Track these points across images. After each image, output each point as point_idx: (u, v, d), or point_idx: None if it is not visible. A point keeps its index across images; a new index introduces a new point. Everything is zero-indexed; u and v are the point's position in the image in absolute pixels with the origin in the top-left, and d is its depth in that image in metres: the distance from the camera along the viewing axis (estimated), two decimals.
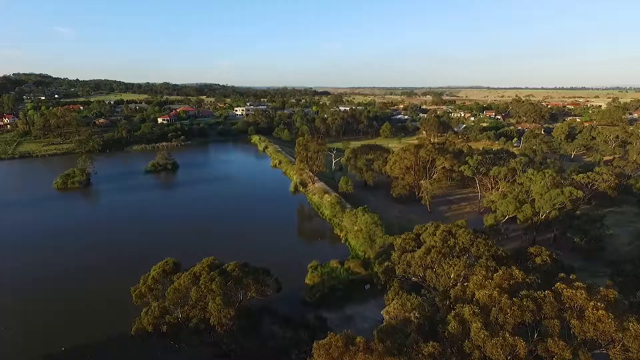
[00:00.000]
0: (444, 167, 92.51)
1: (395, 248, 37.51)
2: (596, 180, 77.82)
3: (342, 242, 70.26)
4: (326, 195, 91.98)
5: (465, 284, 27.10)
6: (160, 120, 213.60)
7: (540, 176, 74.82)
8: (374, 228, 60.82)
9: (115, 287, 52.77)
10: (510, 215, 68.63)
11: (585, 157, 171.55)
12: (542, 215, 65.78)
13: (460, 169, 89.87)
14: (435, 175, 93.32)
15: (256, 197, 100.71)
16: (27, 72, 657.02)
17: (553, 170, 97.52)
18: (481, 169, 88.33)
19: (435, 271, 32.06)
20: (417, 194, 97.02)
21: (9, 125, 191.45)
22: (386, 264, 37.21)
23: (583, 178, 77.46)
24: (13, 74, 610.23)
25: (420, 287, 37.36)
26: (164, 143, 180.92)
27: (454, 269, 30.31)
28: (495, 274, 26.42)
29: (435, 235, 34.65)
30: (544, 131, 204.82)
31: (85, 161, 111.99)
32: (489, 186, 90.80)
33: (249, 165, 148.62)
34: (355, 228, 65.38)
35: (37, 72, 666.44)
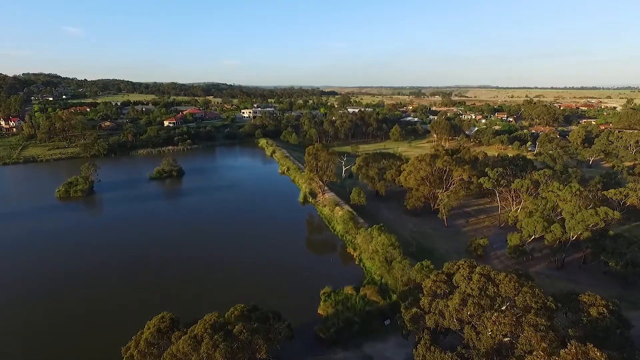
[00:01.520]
0: (461, 179, 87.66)
1: (425, 291, 33.06)
2: (629, 197, 72.44)
3: (356, 262, 65.81)
4: (337, 207, 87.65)
5: (516, 350, 22.83)
6: (166, 123, 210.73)
7: (567, 190, 69.95)
8: (391, 250, 56.46)
9: (113, 311, 49.72)
10: (537, 236, 63.83)
11: (603, 162, 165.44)
12: (572, 237, 60.89)
13: (479, 181, 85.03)
14: (452, 187, 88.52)
15: (264, 208, 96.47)
16: (37, 72, 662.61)
17: (576, 181, 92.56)
18: (502, 182, 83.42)
19: (475, 328, 27.69)
20: (432, 205, 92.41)
21: (14, 129, 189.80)
22: (414, 310, 32.88)
23: (616, 194, 72.10)
24: (22, 74, 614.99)
25: (450, 330, 33.15)
26: (170, 147, 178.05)
27: (498, 327, 25.95)
28: (563, 351, 21.93)
29: (471, 280, 30.18)
30: (559, 135, 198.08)
31: (89, 169, 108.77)
32: (510, 199, 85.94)
33: (256, 171, 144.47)
34: (371, 249, 61.04)
35: (47, 72, 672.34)
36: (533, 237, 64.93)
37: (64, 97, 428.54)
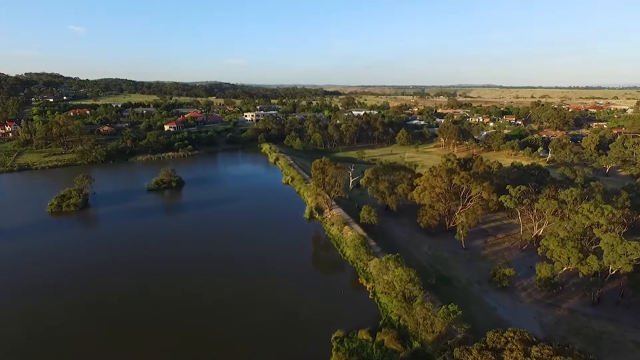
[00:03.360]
0: (480, 196, 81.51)
1: None
2: None
3: (370, 296, 59.64)
4: (346, 227, 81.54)
5: None
6: (167, 127, 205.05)
7: (599, 213, 63.76)
8: (410, 287, 50.48)
9: None
10: (571, 268, 57.66)
11: (620, 170, 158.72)
12: (612, 271, 54.76)
13: (500, 199, 78.89)
14: (470, 204, 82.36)
15: (266, 225, 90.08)
16: (39, 71, 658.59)
17: (600, 196, 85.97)
18: (525, 201, 77.23)
19: None
20: (447, 223, 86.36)
21: (10, 134, 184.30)
22: None
23: None
24: (25, 74, 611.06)
25: None
26: (171, 153, 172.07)
27: None
28: None
29: None
30: (570, 139, 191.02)
31: (83, 181, 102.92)
32: (532, 218, 79.72)
33: (259, 181, 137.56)
34: (386, 280, 54.94)
35: (49, 71, 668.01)
36: (565, 268, 58.79)
37: (64, 98, 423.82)
